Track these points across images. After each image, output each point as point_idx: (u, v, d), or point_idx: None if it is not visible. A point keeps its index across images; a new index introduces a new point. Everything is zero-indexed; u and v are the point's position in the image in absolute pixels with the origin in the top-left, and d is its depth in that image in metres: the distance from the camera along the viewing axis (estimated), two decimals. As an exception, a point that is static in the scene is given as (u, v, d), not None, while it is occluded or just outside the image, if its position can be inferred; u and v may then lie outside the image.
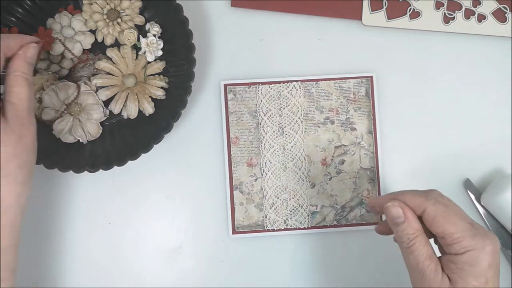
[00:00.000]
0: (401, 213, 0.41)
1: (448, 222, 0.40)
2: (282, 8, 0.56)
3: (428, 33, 0.57)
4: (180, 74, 0.54)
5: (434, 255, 0.41)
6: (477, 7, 0.56)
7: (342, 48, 0.57)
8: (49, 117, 0.53)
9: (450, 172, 0.56)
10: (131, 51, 0.54)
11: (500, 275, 0.52)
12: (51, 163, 0.51)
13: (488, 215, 0.55)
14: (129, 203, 0.57)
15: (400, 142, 0.56)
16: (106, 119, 0.54)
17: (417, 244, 0.40)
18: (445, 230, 0.39)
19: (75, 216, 0.57)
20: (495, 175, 0.56)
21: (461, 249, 0.39)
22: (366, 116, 0.56)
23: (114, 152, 0.53)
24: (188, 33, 0.52)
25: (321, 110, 0.56)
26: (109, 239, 0.56)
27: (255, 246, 0.56)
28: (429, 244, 0.41)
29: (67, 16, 0.54)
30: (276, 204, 0.56)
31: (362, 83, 0.56)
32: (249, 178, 0.56)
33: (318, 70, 0.57)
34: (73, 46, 0.54)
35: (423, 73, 0.57)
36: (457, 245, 0.39)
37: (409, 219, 0.41)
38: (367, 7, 0.56)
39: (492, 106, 0.57)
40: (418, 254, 0.40)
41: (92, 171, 0.52)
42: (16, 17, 0.53)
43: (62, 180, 0.55)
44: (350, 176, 0.56)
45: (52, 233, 0.57)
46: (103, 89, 0.54)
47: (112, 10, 0.53)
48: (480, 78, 0.57)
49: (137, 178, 0.57)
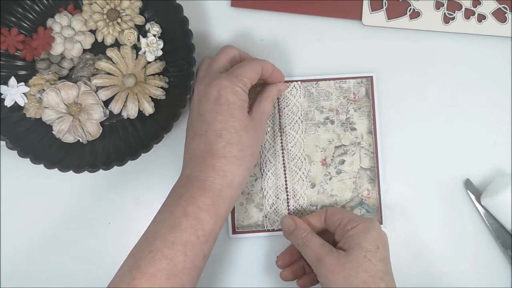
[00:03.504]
0: (292, 222, 0.51)
1: (343, 211, 0.51)
2: (282, 8, 0.56)
3: (428, 33, 0.57)
4: (180, 74, 0.54)
5: (326, 243, 0.48)
6: (477, 7, 0.56)
7: (342, 48, 0.57)
8: (49, 117, 0.53)
9: (450, 172, 0.56)
10: (131, 51, 0.54)
11: (500, 275, 0.53)
12: (51, 163, 0.51)
13: (488, 215, 0.55)
14: (129, 203, 0.57)
15: (400, 142, 0.56)
16: (106, 119, 0.54)
17: (309, 238, 0.49)
18: (342, 215, 0.49)
19: (75, 216, 0.57)
20: (495, 175, 0.56)
21: (355, 223, 0.47)
22: (366, 116, 0.56)
23: (114, 152, 0.54)
24: (188, 33, 0.52)
25: (321, 110, 0.56)
26: (109, 239, 0.56)
27: (255, 246, 0.56)
28: (319, 237, 0.49)
29: (67, 16, 0.54)
30: (276, 204, 0.56)
31: (362, 83, 0.56)
32: (249, 178, 0.56)
33: (318, 70, 0.57)
34: (73, 46, 0.54)
35: (423, 73, 0.57)
36: (352, 221, 0.48)
37: (299, 224, 0.51)
38: (367, 7, 0.56)
39: (492, 106, 0.57)
40: (313, 244, 0.48)
41: (92, 171, 0.52)
42: (16, 17, 0.54)
43: (62, 180, 0.55)
44: (350, 176, 0.56)
45: (52, 233, 0.57)
46: (103, 89, 0.54)
47: (112, 10, 0.53)
48: (480, 78, 0.57)
49: (137, 178, 0.57)
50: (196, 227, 0.44)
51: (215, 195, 0.46)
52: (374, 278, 0.44)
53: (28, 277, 0.56)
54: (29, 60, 0.54)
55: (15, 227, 0.57)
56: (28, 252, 0.56)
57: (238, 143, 0.46)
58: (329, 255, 0.46)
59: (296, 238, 0.50)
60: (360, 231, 0.47)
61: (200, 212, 0.45)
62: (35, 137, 0.54)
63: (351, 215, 0.49)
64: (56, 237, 0.57)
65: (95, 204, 0.57)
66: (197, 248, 0.44)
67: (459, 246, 0.56)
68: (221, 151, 0.46)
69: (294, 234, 0.50)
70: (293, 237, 0.51)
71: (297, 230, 0.50)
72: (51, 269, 0.56)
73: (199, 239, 0.44)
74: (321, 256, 0.46)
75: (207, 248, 0.46)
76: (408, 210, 0.56)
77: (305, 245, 0.49)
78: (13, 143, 0.52)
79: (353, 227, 0.47)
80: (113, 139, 0.54)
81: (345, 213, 0.50)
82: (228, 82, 0.46)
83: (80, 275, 0.56)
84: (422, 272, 0.56)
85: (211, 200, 0.45)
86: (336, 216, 0.50)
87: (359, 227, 0.47)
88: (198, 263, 0.45)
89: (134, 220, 0.56)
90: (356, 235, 0.46)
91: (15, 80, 0.53)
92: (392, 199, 0.56)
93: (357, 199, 0.56)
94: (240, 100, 0.47)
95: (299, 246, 0.50)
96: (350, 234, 0.47)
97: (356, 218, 0.48)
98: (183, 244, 0.44)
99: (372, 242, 0.46)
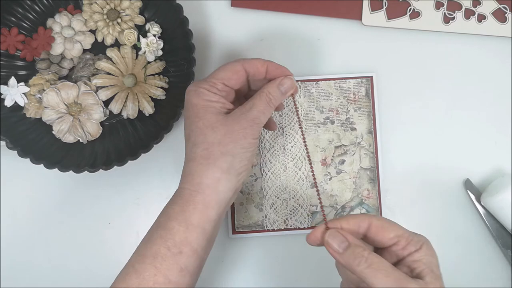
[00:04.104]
0: (343, 237, 0.41)
1: (394, 226, 0.41)
2: (282, 8, 0.56)
3: (428, 33, 0.57)
4: (180, 74, 0.54)
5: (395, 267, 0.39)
6: (477, 7, 0.56)
7: (342, 48, 0.57)
8: (49, 117, 0.53)
9: (450, 172, 0.56)
10: (131, 51, 0.54)
11: (500, 275, 0.53)
12: (51, 163, 0.51)
13: (488, 215, 0.55)
14: (129, 203, 0.57)
15: (400, 142, 0.56)
16: (106, 119, 0.54)
17: (376, 260, 0.39)
18: (397, 233, 0.41)
19: (75, 216, 0.57)
20: (495, 175, 0.56)
21: (417, 244, 0.40)
22: (366, 116, 0.56)
23: (114, 152, 0.54)
24: (188, 33, 0.52)
25: (321, 110, 0.56)
26: (109, 239, 0.56)
27: (255, 246, 0.56)
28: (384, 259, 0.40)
29: (67, 16, 0.54)
30: (276, 204, 0.56)
31: (362, 83, 0.56)
32: (249, 178, 0.56)
33: (318, 70, 0.57)
34: (73, 46, 0.54)
35: (423, 73, 0.57)
36: (413, 242, 0.40)
37: (352, 240, 0.41)
38: (367, 7, 0.56)
39: (492, 106, 0.57)
40: (385, 267, 0.39)
41: (92, 171, 0.52)
42: (16, 17, 0.54)
43: (62, 180, 0.55)
44: (350, 176, 0.56)
45: (52, 232, 0.57)
46: (103, 89, 0.54)
47: (112, 10, 0.53)
48: (480, 78, 0.57)
49: (137, 178, 0.57)
50: (165, 238, 0.42)
51: (184, 201, 0.43)
52: None
53: (28, 277, 0.56)
54: (29, 60, 0.54)
55: (15, 227, 0.57)
56: (28, 252, 0.56)
57: (203, 141, 0.43)
58: (409, 283, 0.38)
59: (355, 259, 0.39)
60: (426, 254, 0.40)
61: (169, 220, 0.43)
62: (35, 137, 0.54)
63: (406, 233, 0.41)
64: (56, 237, 0.57)
65: (95, 204, 0.57)
66: (169, 261, 0.41)
67: (459, 246, 0.56)
68: (189, 154, 0.44)
69: (351, 254, 0.40)
70: (348, 257, 0.40)
71: (355, 250, 0.40)
72: (51, 269, 0.56)
73: (169, 250, 0.41)
74: (402, 284, 0.38)
75: (184, 262, 0.42)
76: (408, 210, 0.56)
77: (374, 270, 0.38)
78: (13, 143, 0.52)
79: (417, 250, 0.40)
80: (113, 139, 0.54)
81: (399, 230, 0.41)
82: (193, 86, 0.45)
83: (80, 275, 0.56)
84: (422, 272, 0.56)
85: (179, 207, 0.43)
86: (389, 233, 0.41)
87: (423, 250, 0.40)
88: (174, 279, 0.41)
89: (134, 220, 0.56)
90: (424, 260, 0.40)
91: (15, 80, 0.53)
92: (392, 199, 0.56)
93: (357, 199, 0.56)
94: (204, 100, 0.44)
95: (361, 269, 0.39)
96: (415, 258, 0.40)
97: (414, 237, 0.41)
98: (153, 256, 0.41)
99: (438, 267, 0.41)
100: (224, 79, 0.45)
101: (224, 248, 0.56)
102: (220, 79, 0.45)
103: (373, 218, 0.42)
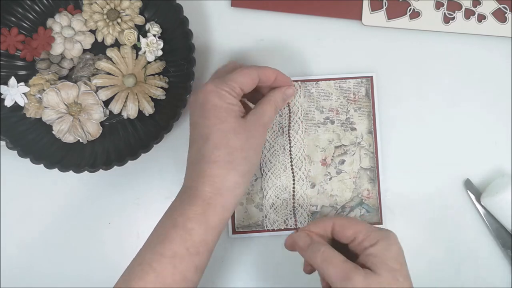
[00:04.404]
0: (307, 237, 0.46)
1: (354, 223, 0.46)
2: (282, 8, 0.56)
3: (428, 33, 0.57)
4: (180, 74, 0.54)
5: (347, 259, 0.43)
6: (477, 7, 0.56)
7: (342, 48, 0.57)
8: (49, 117, 0.53)
9: (450, 172, 0.56)
10: (131, 51, 0.54)
11: (500, 275, 0.53)
12: (51, 163, 0.51)
13: (488, 215, 0.55)
14: (129, 203, 0.57)
15: (400, 142, 0.56)
16: (106, 119, 0.55)
17: (330, 254, 0.44)
18: (356, 230, 0.45)
19: (75, 216, 0.57)
20: (495, 175, 0.56)
21: (373, 239, 0.44)
22: (366, 116, 0.56)
23: (114, 152, 0.54)
24: (188, 33, 0.52)
25: (321, 110, 0.56)
26: (109, 239, 0.56)
27: (255, 246, 0.56)
28: (339, 252, 0.44)
29: (67, 16, 0.54)
30: (276, 204, 0.56)
31: (362, 83, 0.56)
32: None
33: (318, 70, 0.57)
34: (73, 46, 0.54)
35: (423, 73, 0.57)
36: (370, 238, 0.44)
37: (315, 239, 0.46)
38: (367, 7, 0.56)
39: (492, 106, 0.57)
40: (336, 261, 0.43)
41: (92, 171, 0.52)
42: (16, 17, 0.54)
43: (62, 180, 0.55)
44: (350, 176, 0.56)
45: (52, 233, 0.57)
46: (103, 89, 0.54)
47: (112, 10, 0.53)
48: (480, 78, 0.57)
49: (137, 178, 0.57)
50: (185, 238, 0.43)
51: (205, 203, 0.44)
52: None
53: (28, 277, 0.56)
54: (29, 60, 0.54)
55: (15, 227, 0.57)
56: (28, 252, 0.56)
57: (226, 146, 0.44)
58: (357, 274, 0.42)
59: (313, 254, 0.45)
60: (382, 249, 0.43)
61: (189, 222, 0.44)
62: (35, 137, 0.54)
63: (364, 229, 0.45)
64: (56, 237, 0.57)
65: (95, 204, 0.57)
66: (187, 260, 0.43)
67: (459, 246, 0.56)
68: (209, 155, 0.44)
69: (311, 250, 0.45)
70: (309, 253, 0.46)
71: (314, 246, 0.45)
72: (51, 269, 0.56)
73: (188, 251, 0.43)
74: (348, 275, 0.42)
75: (199, 261, 0.44)
76: (408, 210, 0.56)
77: (327, 262, 0.44)
78: (13, 143, 0.52)
79: (372, 245, 0.44)
80: (113, 139, 0.54)
81: (358, 227, 0.45)
82: (214, 87, 0.46)
83: (80, 275, 0.56)
84: (422, 272, 0.56)
85: (201, 208, 0.44)
86: (348, 230, 0.46)
87: (379, 245, 0.44)
88: (190, 277, 0.43)
89: (134, 220, 0.56)
90: (378, 254, 0.43)
91: (15, 80, 0.53)
92: (392, 199, 0.56)
93: (357, 199, 0.56)
94: (226, 103, 0.45)
95: (318, 263, 0.44)
96: (371, 253, 0.43)
97: (372, 233, 0.45)
98: (172, 256, 0.43)
99: (396, 260, 0.43)
100: (242, 84, 0.47)
101: (224, 248, 0.56)
102: (239, 83, 0.46)
103: (336, 219, 0.47)
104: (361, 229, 0.45)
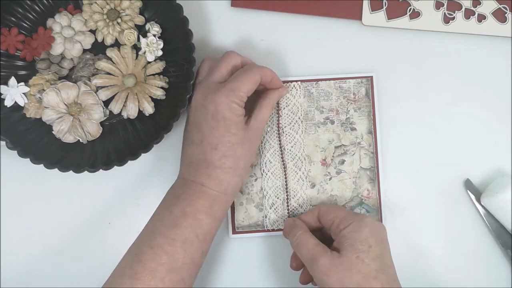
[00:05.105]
0: (292, 222, 0.52)
1: (335, 209, 0.51)
2: (282, 8, 0.56)
3: (428, 33, 0.57)
4: (180, 74, 0.54)
5: (321, 243, 0.48)
6: (477, 7, 0.56)
7: (342, 48, 0.57)
8: (49, 117, 0.53)
9: (450, 172, 0.56)
10: (131, 51, 0.54)
11: (500, 275, 0.53)
12: (51, 163, 0.51)
13: (488, 215, 0.55)
14: (129, 203, 0.57)
15: (400, 142, 0.56)
16: (106, 119, 0.54)
17: (304, 238, 0.49)
18: (334, 214, 0.49)
19: (75, 216, 0.57)
20: (495, 175, 0.56)
21: (347, 222, 0.48)
22: (366, 116, 0.56)
23: (114, 152, 0.54)
24: (188, 33, 0.52)
25: (321, 110, 0.56)
26: (109, 239, 0.56)
27: (255, 246, 0.56)
28: (314, 237, 0.49)
29: (67, 16, 0.54)
30: (276, 204, 0.56)
31: (362, 83, 0.56)
32: (249, 178, 0.56)
33: (318, 70, 0.57)
34: (73, 46, 0.54)
35: (423, 73, 0.57)
36: (344, 221, 0.48)
37: (296, 223, 0.51)
38: (367, 7, 0.56)
39: (492, 106, 0.57)
40: (307, 244, 0.48)
41: (92, 171, 0.52)
42: (16, 17, 0.54)
43: (62, 180, 0.55)
44: (350, 176, 0.56)
45: (52, 233, 0.57)
46: (103, 89, 0.54)
47: (112, 10, 0.53)
48: (480, 78, 0.57)
49: (137, 178, 0.57)
50: (195, 227, 0.47)
51: (211, 199, 0.48)
52: (368, 278, 0.44)
53: (28, 277, 0.56)
54: (29, 60, 0.54)
55: (15, 227, 0.57)
56: (28, 252, 0.56)
57: (233, 155, 0.48)
58: (323, 256, 0.46)
59: (291, 238, 0.50)
60: (351, 230, 0.47)
61: (199, 213, 0.48)
62: (35, 137, 0.54)
63: (343, 213, 0.49)
64: (56, 237, 0.57)
65: (95, 204, 0.57)
66: (196, 246, 0.47)
67: (459, 246, 0.56)
68: (216, 162, 0.48)
69: (292, 234, 0.50)
70: (290, 237, 0.51)
71: (293, 230, 0.51)
72: (51, 269, 0.56)
73: (198, 238, 0.47)
74: (315, 257, 0.46)
75: (205, 246, 0.49)
76: (408, 210, 0.56)
77: (300, 245, 0.49)
78: (13, 143, 0.52)
79: (345, 227, 0.47)
80: (113, 139, 0.54)
81: (338, 212, 0.50)
82: (225, 98, 0.48)
83: (80, 275, 0.56)
84: (422, 272, 0.56)
85: (208, 203, 0.48)
86: (329, 215, 0.50)
87: (350, 227, 0.47)
88: (197, 260, 0.48)
89: (134, 220, 0.56)
90: (348, 235, 0.47)
91: (15, 80, 0.53)
92: (392, 199, 0.56)
93: (357, 199, 0.56)
94: (236, 116, 0.48)
95: (294, 246, 0.50)
96: (342, 234, 0.47)
97: (348, 216, 0.48)
98: (183, 241, 0.46)
99: (363, 242, 0.46)
100: (249, 91, 0.49)
101: (224, 248, 0.56)
102: (246, 92, 0.49)
103: (321, 206, 0.52)
104: (340, 214, 0.49)
